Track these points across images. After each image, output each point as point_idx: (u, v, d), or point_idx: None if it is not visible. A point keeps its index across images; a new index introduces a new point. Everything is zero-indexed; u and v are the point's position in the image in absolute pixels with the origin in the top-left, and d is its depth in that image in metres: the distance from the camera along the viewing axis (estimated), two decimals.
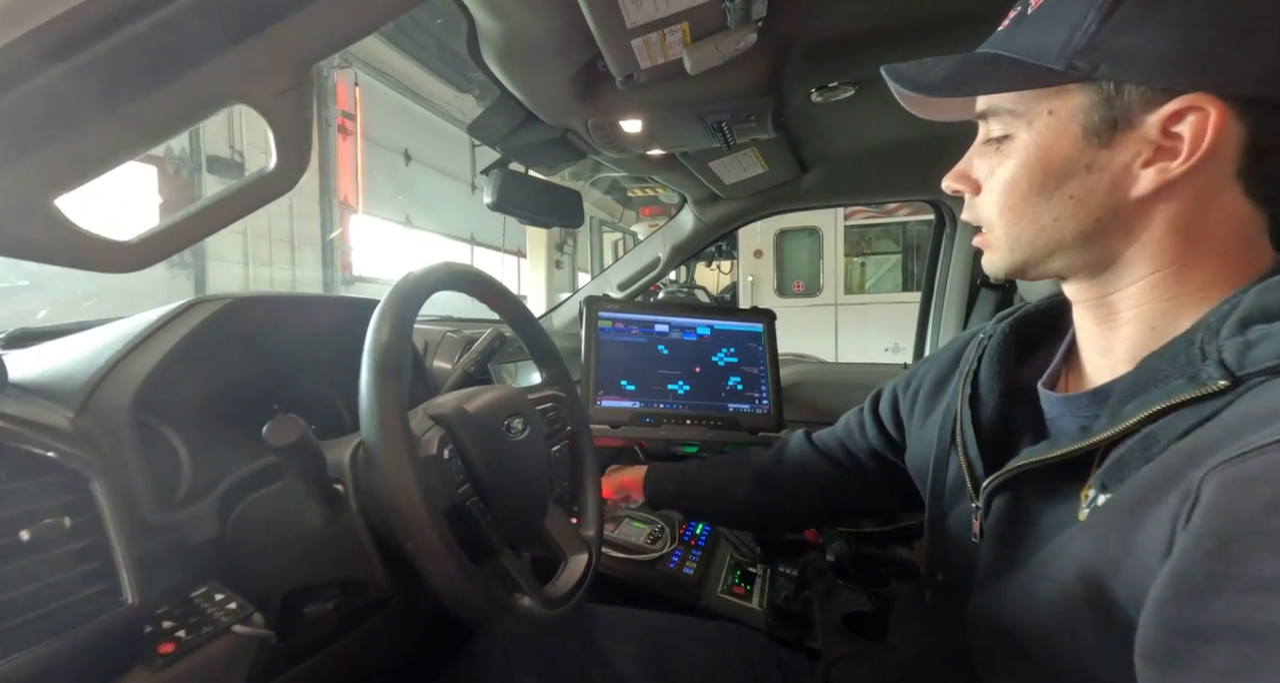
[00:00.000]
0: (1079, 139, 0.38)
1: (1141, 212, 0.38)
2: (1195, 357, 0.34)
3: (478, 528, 0.51)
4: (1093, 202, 0.38)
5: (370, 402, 0.44)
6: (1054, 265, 0.42)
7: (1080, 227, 0.39)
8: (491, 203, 0.97)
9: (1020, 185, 0.40)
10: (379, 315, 0.48)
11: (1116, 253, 0.39)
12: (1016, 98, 0.40)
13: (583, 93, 0.87)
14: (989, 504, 0.47)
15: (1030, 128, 0.39)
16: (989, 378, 0.50)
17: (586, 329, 1.01)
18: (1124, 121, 0.36)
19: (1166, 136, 0.35)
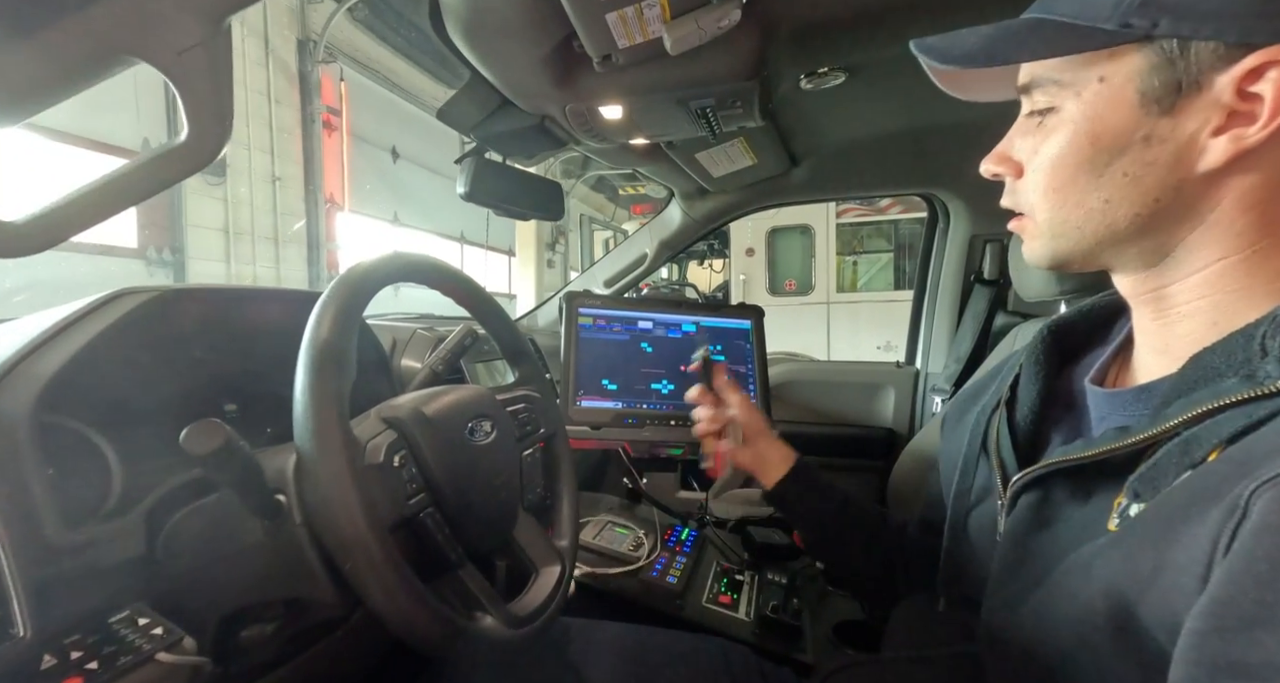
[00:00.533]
0: (1135, 107, 0.33)
1: (1209, 188, 0.33)
2: (1254, 353, 0.30)
3: (432, 542, 0.46)
4: (1151, 179, 0.34)
5: (304, 405, 0.39)
6: (1102, 257, 0.38)
7: (1135, 208, 0.35)
8: (464, 193, 0.92)
9: (1067, 163, 0.36)
10: (320, 308, 0.44)
11: (1177, 239, 0.35)
12: (1062, 65, 0.35)
13: (558, 75, 0.82)
14: (1014, 502, 0.43)
15: (1079, 98, 0.35)
16: (1028, 379, 0.47)
17: (566, 326, 0.97)
18: (1190, 84, 0.31)
19: (1242, 98, 0.31)
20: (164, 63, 0.30)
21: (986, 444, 0.50)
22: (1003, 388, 0.51)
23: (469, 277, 0.63)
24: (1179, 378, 0.34)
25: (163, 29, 0.30)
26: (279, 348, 0.64)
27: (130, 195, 0.33)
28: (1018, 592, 0.41)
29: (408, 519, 0.45)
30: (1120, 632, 0.31)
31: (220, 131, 0.34)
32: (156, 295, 0.49)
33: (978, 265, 1.49)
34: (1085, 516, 0.38)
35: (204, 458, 0.37)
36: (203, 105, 0.32)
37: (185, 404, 0.59)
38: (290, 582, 0.45)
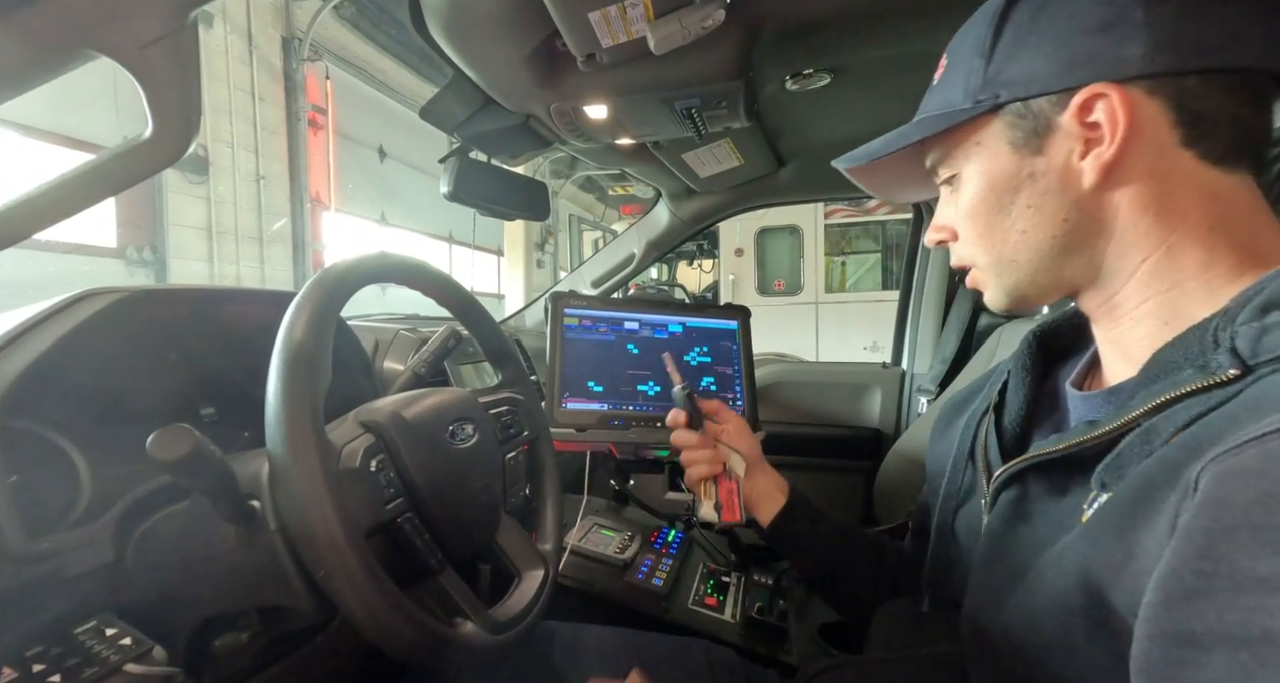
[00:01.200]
0: (1012, 156, 0.40)
1: (1102, 201, 0.38)
2: (1208, 345, 0.32)
3: (411, 547, 0.45)
4: (1050, 205, 0.39)
5: (276, 409, 0.38)
6: (1048, 282, 0.42)
7: (1050, 231, 0.40)
8: (448, 193, 0.91)
9: (980, 211, 0.43)
10: (294, 310, 0.43)
11: (1100, 251, 0.39)
12: (948, 144, 0.43)
13: (542, 75, 0.82)
14: (995, 500, 0.45)
15: (969, 161, 0.43)
16: (1016, 383, 0.50)
17: (551, 327, 0.96)
18: (1043, 128, 0.38)
19: (1087, 128, 0.37)
20: (125, 57, 0.29)
21: (974, 448, 0.51)
22: (991, 393, 0.52)
23: (450, 277, 0.62)
24: (1141, 374, 0.36)
25: (124, 22, 0.29)
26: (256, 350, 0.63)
27: (93, 193, 0.32)
28: (998, 587, 0.41)
29: (385, 524, 0.44)
30: (1096, 623, 0.32)
31: (187, 128, 0.33)
32: (126, 296, 0.47)
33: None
34: (1061, 509, 0.38)
35: (172, 464, 0.36)
36: (168, 101, 0.31)
37: (159, 407, 0.57)
38: (265, 589, 0.44)
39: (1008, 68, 0.39)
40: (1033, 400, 0.48)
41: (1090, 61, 0.36)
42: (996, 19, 0.40)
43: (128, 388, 0.54)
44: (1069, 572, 0.34)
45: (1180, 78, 0.35)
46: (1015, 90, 0.38)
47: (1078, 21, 0.36)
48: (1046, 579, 0.36)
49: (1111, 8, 0.36)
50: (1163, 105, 0.36)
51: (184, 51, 0.31)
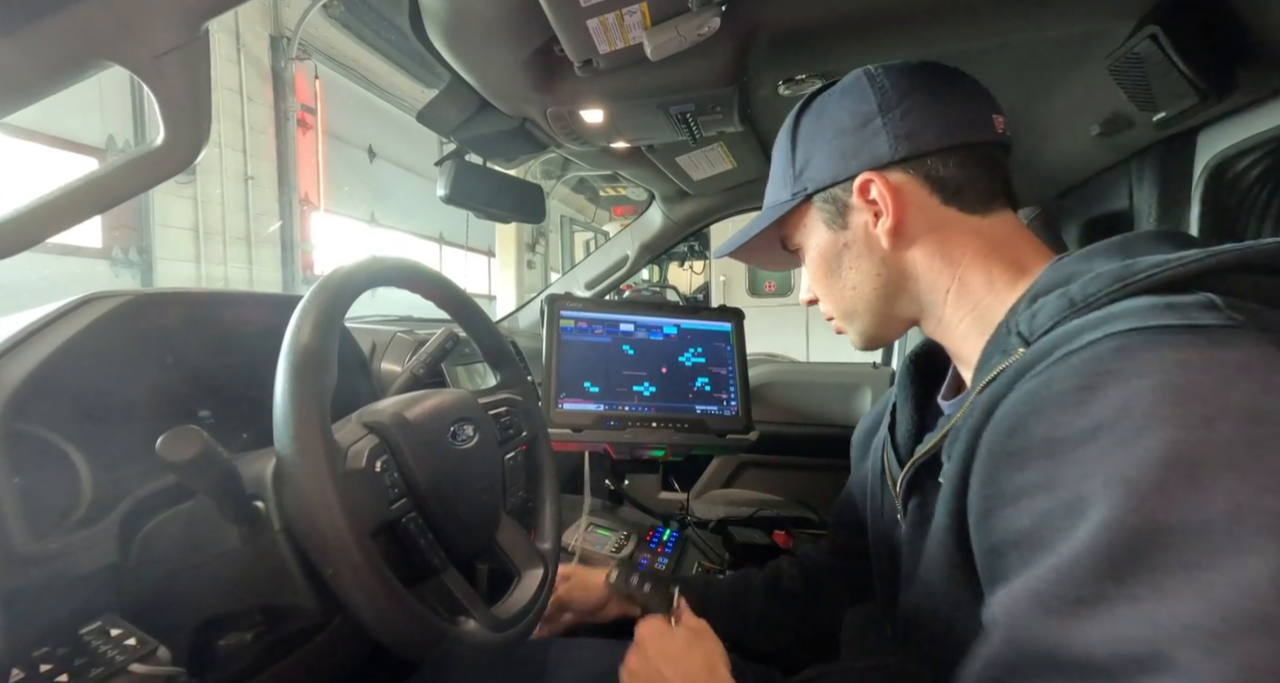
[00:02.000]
0: (828, 231, 0.52)
1: (900, 255, 0.48)
2: (1006, 335, 0.40)
3: (415, 547, 0.46)
4: (865, 264, 0.50)
5: (285, 411, 0.39)
6: (888, 322, 0.52)
7: (872, 285, 0.50)
8: (445, 196, 0.92)
9: (819, 276, 0.54)
10: (300, 313, 0.43)
11: (914, 291, 0.49)
12: (788, 228, 0.56)
13: (539, 79, 0.82)
14: (905, 510, 0.51)
15: (804, 238, 0.55)
16: (902, 404, 0.57)
17: (548, 329, 0.97)
18: (843, 207, 0.50)
19: (870, 204, 0.48)
20: (140, 67, 0.30)
21: (884, 471, 0.56)
22: (885, 419, 0.59)
23: (451, 280, 0.63)
24: (977, 371, 0.43)
25: (139, 32, 0.29)
26: (254, 352, 0.63)
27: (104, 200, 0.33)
28: (917, 593, 0.46)
29: (390, 524, 0.44)
30: (973, 596, 0.37)
31: (198, 136, 0.33)
32: (129, 300, 0.48)
33: None
34: (941, 501, 0.42)
35: (181, 465, 0.37)
36: (180, 110, 0.32)
37: (158, 410, 0.58)
38: (268, 589, 0.45)
39: (807, 168, 0.51)
40: (918, 418, 0.56)
41: (856, 155, 0.48)
42: (791, 135, 0.53)
43: (128, 391, 0.54)
44: (937, 542, 0.41)
45: (921, 158, 0.46)
46: (816, 182, 0.50)
47: (839, 128, 0.49)
48: (930, 556, 0.42)
49: (858, 117, 0.48)
50: (917, 178, 0.47)
51: (196, 61, 0.32)
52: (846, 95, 0.50)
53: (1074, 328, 0.33)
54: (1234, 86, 0.67)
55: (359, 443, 0.45)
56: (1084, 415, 0.29)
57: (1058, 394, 0.31)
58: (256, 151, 4.23)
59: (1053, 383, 0.31)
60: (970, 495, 0.35)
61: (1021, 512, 0.31)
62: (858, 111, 0.48)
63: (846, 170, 0.48)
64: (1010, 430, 0.32)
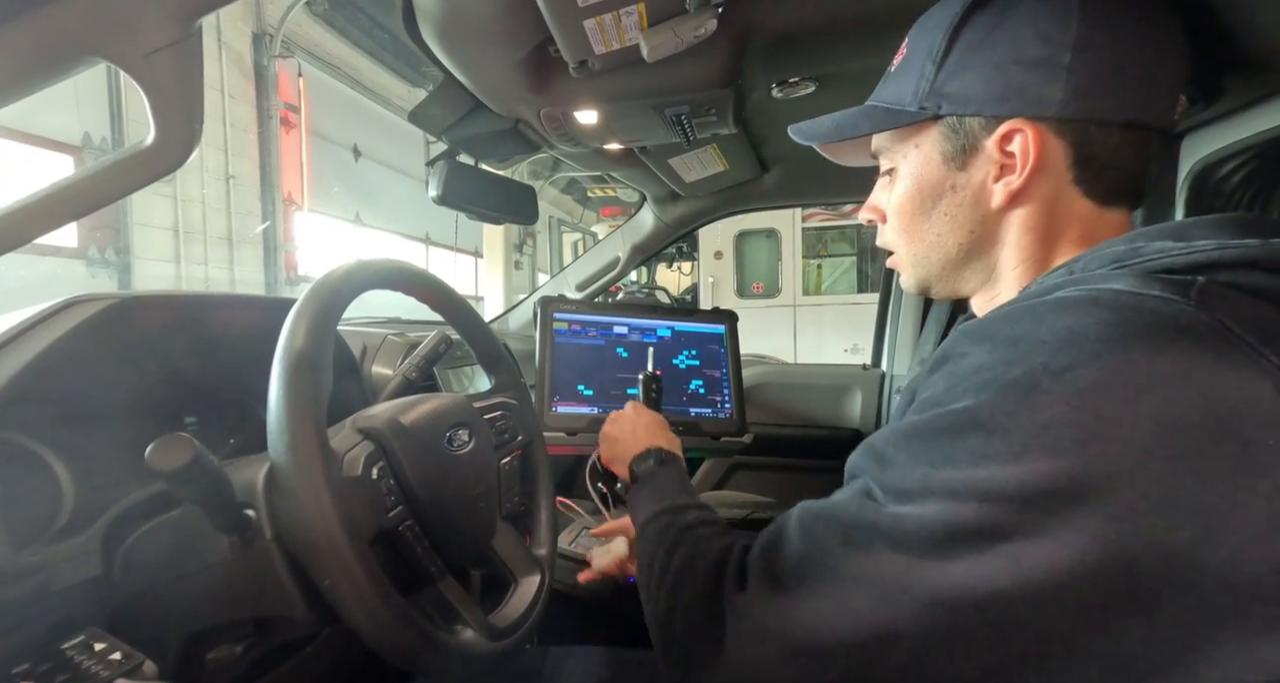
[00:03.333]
0: (941, 165, 0.45)
1: (1001, 219, 0.44)
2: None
3: (412, 555, 0.45)
4: (962, 216, 0.45)
5: (279, 417, 0.38)
6: (952, 281, 0.48)
7: (959, 238, 0.46)
8: (436, 197, 0.91)
9: (906, 209, 0.48)
10: (294, 317, 0.42)
11: (993, 259, 0.45)
12: (891, 137, 0.48)
13: (534, 80, 0.82)
14: None
15: (905, 160, 0.47)
16: None
17: (541, 332, 0.96)
18: (971, 147, 0.43)
19: (1005, 155, 0.42)
20: (131, 64, 0.29)
21: None
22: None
23: (445, 282, 0.62)
24: None
25: (130, 29, 0.28)
26: (242, 357, 0.62)
27: (91, 201, 0.32)
28: None
29: (387, 532, 0.44)
30: None
31: (189, 135, 0.32)
32: (113, 304, 0.46)
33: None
34: None
35: (171, 474, 0.36)
36: (171, 109, 0.31)
37: (143, 416, 0.56)
38: (260, 600, 0.44)
39: (952, 82, 0.43)
40: None
41: (1019, 95, 0.40)
42: (951, 30, 0.43)
43: (112, 397, 0.52)
44: None
45: (1085, 124, 0.40)
46: (955, 106, 0.43)
47: (1016, 52, 0.40)
48: None
49: (1046, 47, 0.39)
50: (1066, 146, 0.41)
51: (188, 59, 0.31)
52: (1047, 10, 0.40)
53: (1054, 286, 0.36)
54: (1219, 93, 0.68)
55: (354, 449, 0.44)
56: (1003, 335, 0.33)
57: (1001, 317, 0.34)
58: (238, 150, 4.16)
59: (1001, 311, 0.35)
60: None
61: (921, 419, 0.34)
62: (1051, 39, 0.39)
63: (999, 107, 0.41)
64: (938, 359, 0.36)
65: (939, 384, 0.35)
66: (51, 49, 0.26)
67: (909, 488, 0.33)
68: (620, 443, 0.73)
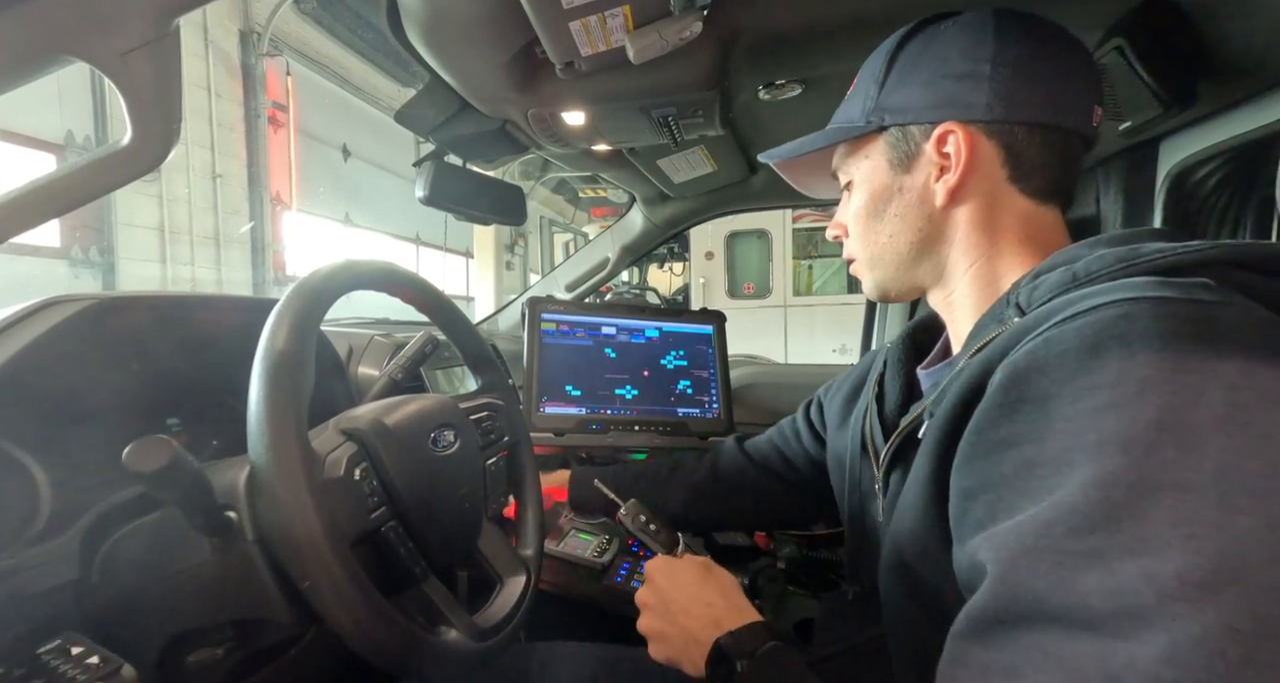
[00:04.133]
0: (888, 170, 0.49)
1: (947, 217, 0.47)
2: (1008, 306, 0.41)
3: (395, 556, 0.45)
4: (911, 216, 0.49)
5: (260, 418, 0.38)
6: (907, 280, 0.51)
7: (909, 238, 0.49)
8: (424, 197, 0.90)
9: (861, 214, 0.52)
10: (275, 318, 0.42)
11: (943, 257, 0.48)
12: (845, 153, 0.53)
13: (520, 81, 0.82)
14: (886, 483, 0.50)
15: (859, 170, 0.52)
16: (891, 376, 0.57)
17: (529, 332, 0.96)
18: (913, 152, 0.47)
19: (942, 157, 0.46)
20: (106, 64, 0.29)
21: (864, 441, 0.56)
22: (871, 387, 0.58)
23: (430, 283, 0.62)
24: (969, 338, 0.44)
25: (105, 28, 0.28)
26: (225, 358, 0.62)
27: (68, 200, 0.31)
28: (896, 561, 0.46)
29: (369, 533, 0.43)
30: (943, 546, 0.37)
31: (167, 135, 0.32)
32: (92, 304, 0.46)
33: None
34: (928, 473, 0.42)
35: (150, 476, 0.35)
36: (148, 108, 0.31)
37: (123, 418, 0.55)
38: (241, 602, 0.43)
39: (892, 97, 0.48)
40: (907, 389, 0.55)
41: (949, 103, 0.45)
42: (890, 57, 0.49)
43: (91, 399, 0.52)
44: (915, 500, 0.40)
45: (1010, 126, 0.44)
46: (896, 117, 0.48)
47: (944, 68, 0.46)
48: (918, 532, 0.41)
49: (967, 62, 0.45)
50: (996, 146, 0.45)
51: (165, 59, 0.31)
52: (966, 33, 0.46)
53: (1076, 296, 0.34)
54: (1194, 98, 0.69)
55: (337, 451, 0.44)
56: (1085, 374, 0.30)
57: (1060, 354, 0.31)
58: (225, 149, 4.12)
59: (1055, 342, 0.32)
60: (959, 446, 0.35)
61: (1005, 460, 0.31)
62: (971, 55, 0.45)
63: (933, 114, 0.46)
64: (1008, 384, 0.33)
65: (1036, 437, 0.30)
66: (23, 48, 0.26)
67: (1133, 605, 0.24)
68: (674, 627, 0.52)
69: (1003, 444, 0.32)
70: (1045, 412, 0.30)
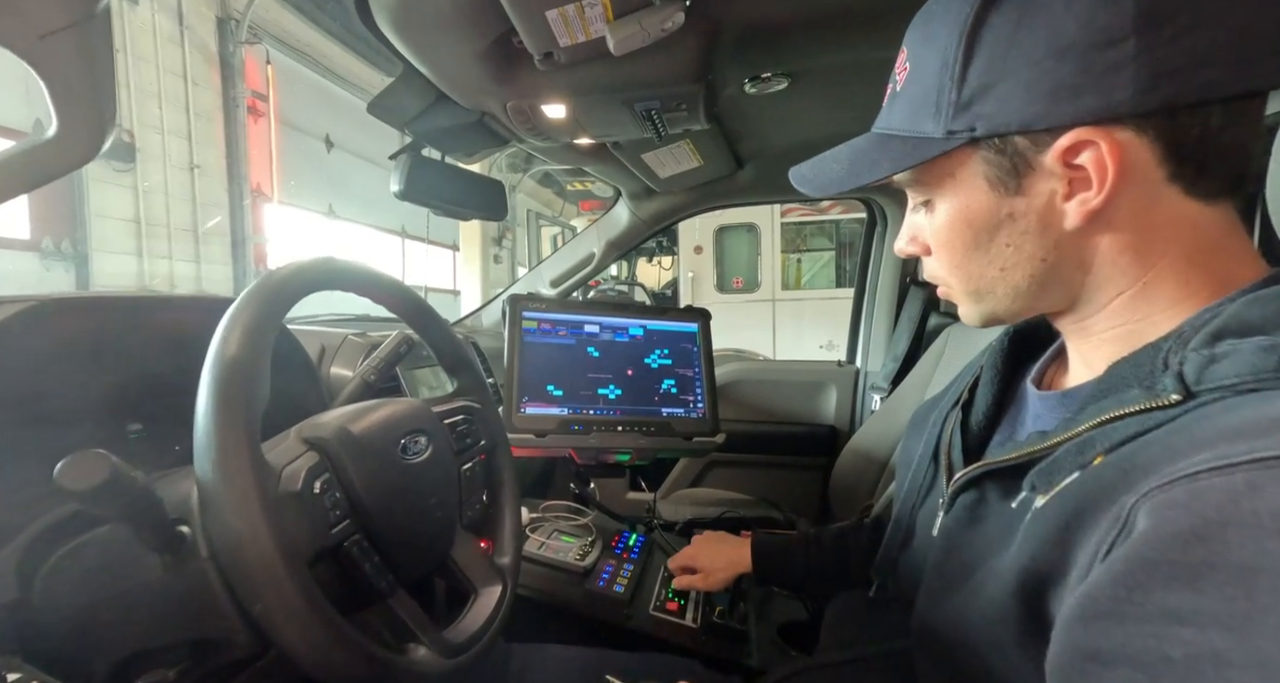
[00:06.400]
0: (989, 193, 0.37)
1: (1084, 241, 0.36)
2: (1158, 366, 0.32)
3: (358, 572, 0.43)
4: (1029, 246, 0.37)
5: (207, 431, 0.35)
6: (1024, 310, 0.41)
7: (1029, 270, 0.38)
8: (399, 191, 0.88)
9: (956, 246, 0.40)
10: (228, 322, 0.39)
11: (1077, 284, 0.38)
12: (917, 170, 0.40)
13: (498, 72, 0.79)
14: (953, 502, 0.45)
15: (942, 191, 0.40)
16: (986, 382, 0.49)
17: (510, 331, 0.94)
18: (1024, 167, 0.35)
19: (1071, 169, 0.34)
20: (21, 47, 0.26)
21: (939, 446, 0.51)
22: (961, 391, 0.52)
23: (400, 282, 0.59)
24: (1096, 385, 0.36)
25: (19, 8, 0.25)
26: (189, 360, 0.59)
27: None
28: (946, 587, 0.42)
29: (331, 549, 0.41)
30: (1027, 633, 0.33)
31: (98, 126, 0.30)
32: (33, 307, 0.43)
33: (913, 269, 1.55)
34: (1009, 515, 0.39)
35: (85, 494, 0.33)
36: (74, 97, 0.28)
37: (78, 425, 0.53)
38: (195, 621, 0.41)
39: (982, 97, 0.35)
40: (999, 400, 0.48)
41: (1075, 96, 0.32)
42: (967, 35, 0.34)
43: (31, 406, 0.49)
44: (1007, 581, 0.35)
45: (1173, 114, 0.32)
46: (992, 125, 0.35)
47: (1059, 40, 0.32)
48: (988, 586, 0.37)
49: (1096, 33, 0.31)
50: (1151, 142, 0.32)
51: (92, 43, 0.28)
52: None
53: (1273, 419, 0.25)
54: None
55: (296, 462, 0.42)
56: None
57: (1254, 514, 0.23)
58: (203, 139, 4.02)
59: (1269, 492, 0.23)
60: (1080, 571, 0.28)
61: (1173, 639, 0.23)
62: (1098, 22, 0.31)
63: (1050, 116, 0.33)
64: (1188, 537, 0.24)
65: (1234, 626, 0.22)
66: None
67: None
68: None
69: (1173, 618, 0.23)
70: (1250, 591, 0.22)
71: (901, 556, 0.54)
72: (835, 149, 0.44)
